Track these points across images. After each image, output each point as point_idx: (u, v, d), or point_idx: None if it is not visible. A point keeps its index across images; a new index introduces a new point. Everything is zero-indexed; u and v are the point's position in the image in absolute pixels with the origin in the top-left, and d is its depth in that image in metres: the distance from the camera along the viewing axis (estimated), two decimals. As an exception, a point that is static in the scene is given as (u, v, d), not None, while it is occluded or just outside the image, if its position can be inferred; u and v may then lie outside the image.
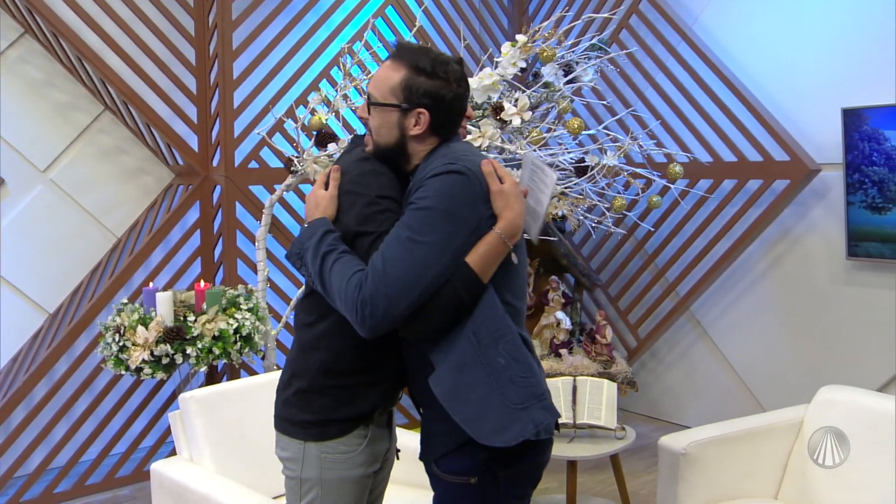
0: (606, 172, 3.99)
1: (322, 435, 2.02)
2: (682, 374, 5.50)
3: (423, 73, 1.95)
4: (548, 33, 3.89)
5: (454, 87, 1.98)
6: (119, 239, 4.90)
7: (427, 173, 1.90)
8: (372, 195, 1.95)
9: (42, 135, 4.69)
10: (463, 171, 1.88)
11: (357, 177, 1.99)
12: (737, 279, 5.14)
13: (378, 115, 1.99)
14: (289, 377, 2.09)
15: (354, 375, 2.02)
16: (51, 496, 4.33)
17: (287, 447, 2.07)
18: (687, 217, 5.22)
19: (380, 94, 1.98)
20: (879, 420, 2.97)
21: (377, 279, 1.80)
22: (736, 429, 3.17)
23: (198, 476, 2.96)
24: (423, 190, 1.87)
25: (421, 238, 1.82)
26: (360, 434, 2.05)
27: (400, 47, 2.01)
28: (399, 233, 1.84)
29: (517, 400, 1.87)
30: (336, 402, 2.02)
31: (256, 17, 4.75)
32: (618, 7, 5.43)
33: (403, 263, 1.81)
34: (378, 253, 1.84)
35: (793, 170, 4.66)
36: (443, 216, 1.84)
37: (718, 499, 3.09)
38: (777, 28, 4.83)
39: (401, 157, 2.01)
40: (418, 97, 1.95)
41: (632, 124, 5.14)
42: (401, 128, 1.97)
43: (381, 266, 1.81)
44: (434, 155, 1.98)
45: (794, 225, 4.84)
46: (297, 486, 2.06)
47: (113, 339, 3.85)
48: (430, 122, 1.96)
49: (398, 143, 1.99)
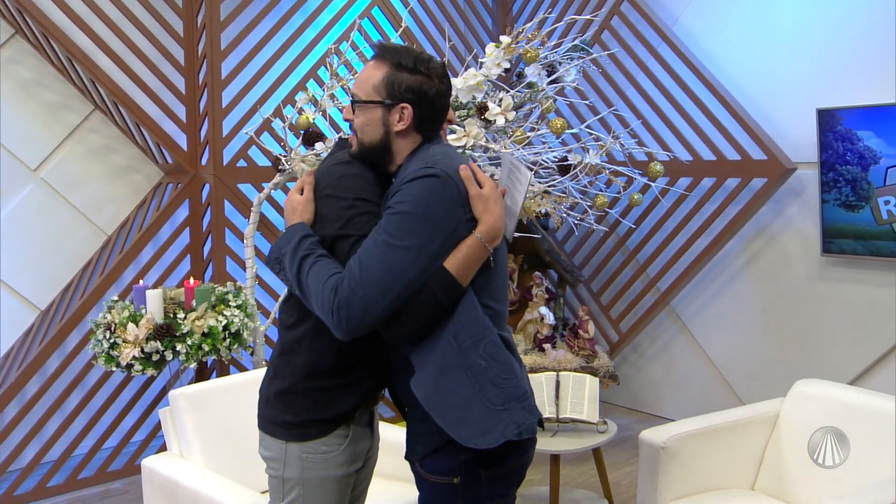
0: (589, 171, 4.00)
1: (303, 436, 2.02)
2: (662, 368, 5.54)
3: (405, 70, 1.95)
4: (531, 34, 3.90)
5: (436, 82, 1.98)
6: (109, 237, 4.89)
7: (405, 177, 1.89)
8: (351, 198, 1.94)
9: (33, 134, 4.67)
10: (440, 175, 1.87)
11: (336, 180, 1.98)
12: (716, 275, 5.18)
13: (362, 113, 1.98)
14: (270, 378, 2.09)
15: (335, 377, 2.01)
16: (44, 490, 4.33)
17: (270, 447, 2.07)
18: (667, 214, 5.25)
19: (363, 92, 1.98)
20: (852, 413, 3.01)
21: (354, 283, 1.80)
22: (714, 422, 3.20)
23: (188, 472, 2.97)
24: (400, 194, 1.86)
25: (398, 242, 1.82)
26: (341, 434, 2.05)
27: (381, 47, 2.00)
28: (376, 237, 1.84)
29: (498, 401, 1.87)
30: (316, 404, 2.02)
31: (244, 17, 4.74)
32: (599, 9, 5.44)
33: (380, 267, 1.80)
34: (355, 257, 1.84)
35: (770, 168, 4.69)
36: (420, 220, 1.84)
37: (697, 490, 3.12)
38: (755, 30, 4.85)
39: (385, 157, 2.00)
40: (401, 92, 1.94)
41: (614, 123, 5.15)
42: (385, 124, 1.96)
43: (358, 270, 1.81)
44: (413, 158, 1.97)
45: (771, 222, 4.87)
46: (280, 485, 2.06)
47: (104, 336, 3.84)
48: (414, 118, 1.96)
49: (382, 141, 1.97)
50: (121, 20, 4.46)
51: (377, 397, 2.16)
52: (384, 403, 5.28)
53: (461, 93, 3.54)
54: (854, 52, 4.41)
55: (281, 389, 2.04)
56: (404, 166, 1.97)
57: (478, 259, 1.89)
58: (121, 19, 4.46)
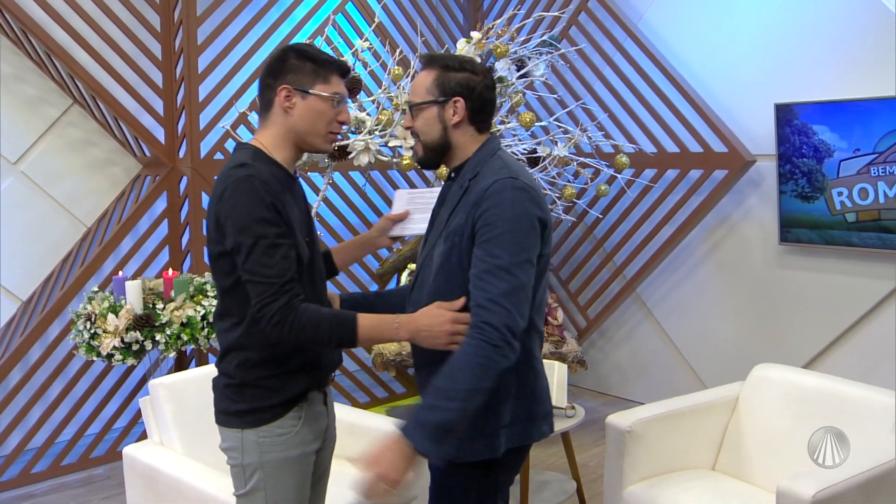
0: (557, 162, 4.03)
1: (257, 421, 2.02)
2: (628, 352, 5.58)
3: (452, 69, 2.06)
4: (501, 30, 3.90)
5: (482, 77, 2.08)
6: (89, 228, 4.84)
7: (486, 186, 1.96)
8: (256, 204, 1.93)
9: (12, 128, 4.60)
10: (524, 188, 1.96)
11: (234, 184, 1.95)
12: (679, 263, 5.23)
13: (420, 115, 2.08)
14: (218, 376, 2.09)
15: (276, 367, 2.02)
16: (28, 476, 4.30)
17: (227, 438, 2.07)
18: (633, 204, 5.28)
19: (418, 97, 2.08)
20: (808, 395, 3.07)
21: (502, 315, 1.87)
22: (676, 406, 3.23)
23: (168, 459, 2.97)
24: (493, 214, 1.93)
25: (513, 260, 1.90)
26: (295, 416, 2.05)
27: (428, 56, 2.13)
28: (493, 263, 1.90)
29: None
30: (266, 391, 2.02)
31: (221, 13, 4.70)
32: (567, 5, 5.45)
33: (512, 289, 1.88)
34: (483, 289, 1.89)
35: (730, 161, 4.73)
36: (521, 233, 1.92)
37: (661, 471, 3.15)
38: (717, 28, 4.89)
39: (448, 152, 2.10)
40: (451, 88, 2.04)
41: (581, 116, 5.16)
42: (441, 120, 2.06)
43: (495, 300, 1.87)
44: (483, 163, 2.05)
45: (732, 212, 4.92)
46: (241, 473, 2.06)
47: (84, 327, 3.82)
48: (466, 110, 2.05)
49: (443, 137, 2.07)
50: (98, 16, 4.41)
51: (327, 379, 2.17)
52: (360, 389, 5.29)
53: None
54: (810, 50, 4.46)
55: (229, 384, 2.05)
56: (471, 166, 2.06)
57: (383, 336, 1.99)
58: (98, 15, 4.41)
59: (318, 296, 2.11)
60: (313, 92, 2.01)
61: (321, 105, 2.03)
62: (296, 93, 2.01)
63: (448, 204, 2.10)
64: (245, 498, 2.07)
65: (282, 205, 1.95)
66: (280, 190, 1.97)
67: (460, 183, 2.06)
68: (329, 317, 1.94)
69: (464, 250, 1.98)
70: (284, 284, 1.90)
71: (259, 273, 1.89)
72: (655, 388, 5.30)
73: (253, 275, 1.90)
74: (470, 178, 2.03)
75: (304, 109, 2.02)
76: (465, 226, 1.97)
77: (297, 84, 2.01)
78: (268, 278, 1.89)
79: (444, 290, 2.00)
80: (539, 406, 2.09)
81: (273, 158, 2.04)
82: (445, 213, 2.09)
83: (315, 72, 2.02)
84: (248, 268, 1.90)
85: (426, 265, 2.09)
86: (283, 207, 1.95)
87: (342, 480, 2.55)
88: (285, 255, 1.92)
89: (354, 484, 1.85)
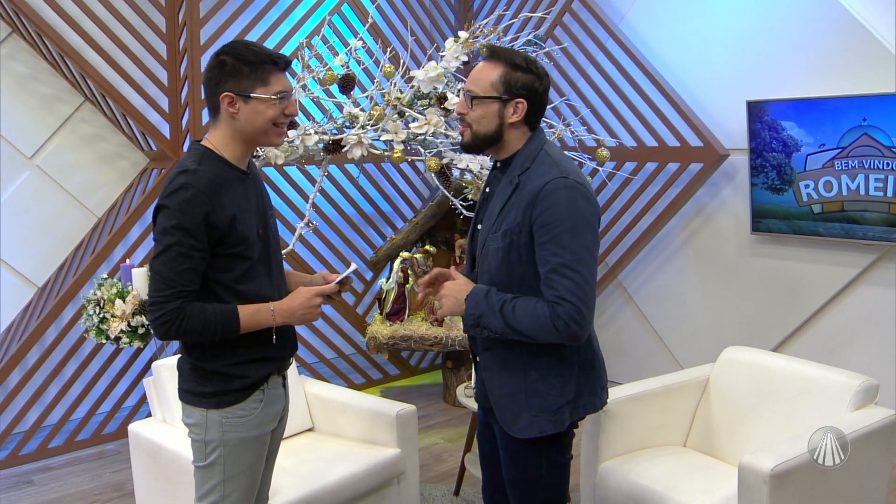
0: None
1: (221, 403, 2.04)
2: (610, 336, 5.58)
3: (519, 69, 2.01)
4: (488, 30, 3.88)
5: (544, 80, 2.05)
6: (100, 219, 4.84)
7: (540, 185, 1.97)
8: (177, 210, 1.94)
9: (29, 125, 4.61)
10: (577, 187, 1.97)
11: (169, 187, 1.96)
12: (658, 251, 5.22)
13: (480, 107, 2.04)
14: (183, 363, 2.11)
15: (241, 356, 2.04)
16: (45, 450, 4.34)
17: (191, 415, 2.08)
18: (614, 196, 5.27)
19: (480, 89, 2.03)
20: (773, 375, 3.06)
21: (575, 301, 1.92)
22: (650, 387, 3.22)
23: (169, 436, 3.00)
24: (551, 214, 1.95)
25: (576, 256, 1.93)
26: (256, 399, 2.07)
27: (493, 49, 2.08)
28: (558, 259, 1.94)
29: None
30: (228, 377, 2.04)
31: (222, 14, 4.68)
32: (552, 6, 5.42)
33: (587, 282, 1.94)
34: (551, 293, 1.94)
35: (706, 154, 4.72)
36: (581, 230, 1.95)
37: (635, 448, 3.15)
38: (693, 29, 4.86)
39: (497, 144, 2.08)
40: (517, 89, 2.01)
41: (566, 112, 5.17)
42: (500, 117, 2.03)
43: (574, 291, 1.92)
44: (532, 157, 2.04)
45: (707, 203, 4.91)
46: (203, 447, 2.08)
47: (94, 312, 3.82)
48: (526, 112, 2.03)
49: (497, 131, 2.05)
50: (108, 19, 4.40)
51: (286, 366, 2.19)
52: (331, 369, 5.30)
53: (423, 83, 3.52)
54: (780, 51, 4.43)
55: (195, 367, 2.06)
56: (520, 161, 2.05)
57: (261, 323, 2.01)
58: (108, 18, 4.40)
59: (273, 284, 2.11)
60: (255, 95, 1.96)
61: (264, 106, 1.97)
62: (238, 98, 1.96)
63: (499, 197, 2.08)
64: (203, 470, 2.10)
65: (220, 209, 1.93)
66: (223, 193, 1.95)
67: (509, 178, 2.04)
68: (213, 314, 1.95)
69: (523, 247, 2.00)
70: (182, 291, 1.91)
71: (161, 273, 1.91)
72: (636, 370, 5.31)
73: (156, 273, 1.92)
74: (519, 174, 2.02)
75: (249, 113, 1.97)
76: (522, 224, 1.98)
77: (237, 90, 1.95)
78: (168, 280, 1.90)
79: (507, 283, 2.04)
80: (599, 379, 2.18)
81: (223, 157, 2.01)
82: (496, 206, 2.07)
83: (253, 74, 1.96)
84: (154, 265, 1.93)
85: (484, 256, 2.10)
86: (219, 213, 1.93)
87: (310, 457, 2.58)
88: (192, 268, 1.92)
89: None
